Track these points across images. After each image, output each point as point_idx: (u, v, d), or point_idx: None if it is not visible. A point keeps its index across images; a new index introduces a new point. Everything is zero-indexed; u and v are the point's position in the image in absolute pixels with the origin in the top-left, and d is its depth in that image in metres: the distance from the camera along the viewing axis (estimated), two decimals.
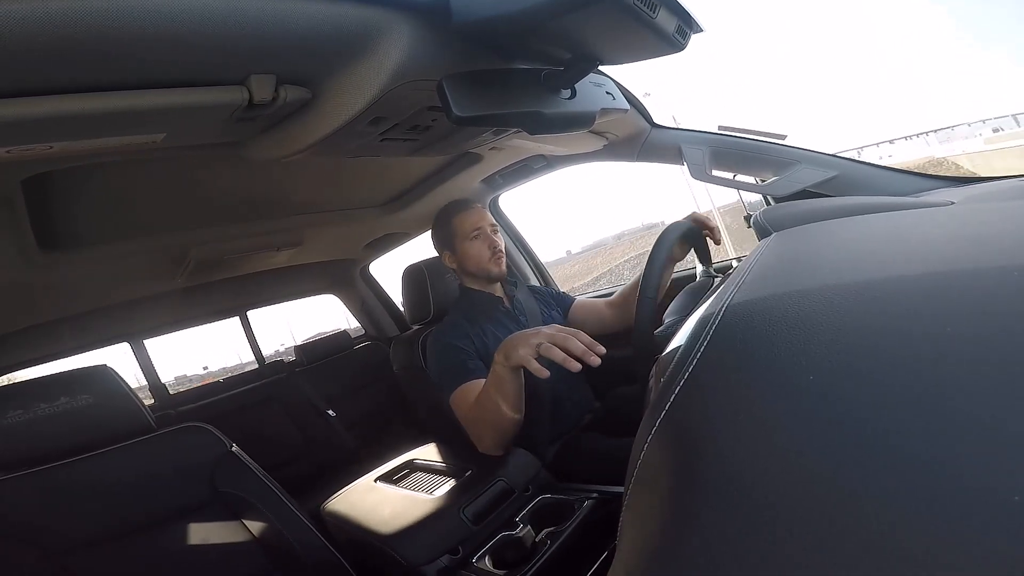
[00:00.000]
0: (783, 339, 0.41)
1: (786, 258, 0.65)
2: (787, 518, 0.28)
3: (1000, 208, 0.73)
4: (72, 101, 0.66)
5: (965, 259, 0.47)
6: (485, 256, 1.62)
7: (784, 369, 0.38)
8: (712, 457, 0.36)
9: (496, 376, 1.21)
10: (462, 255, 1.64)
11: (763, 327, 0.44)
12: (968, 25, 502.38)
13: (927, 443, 0.27)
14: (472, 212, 1.64)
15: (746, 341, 0.44)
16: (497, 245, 1.63)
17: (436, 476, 1.40)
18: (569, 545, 1.02)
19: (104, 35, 0.57)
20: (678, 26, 0.77)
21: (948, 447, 0.27)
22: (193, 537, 1.26)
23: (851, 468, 0.28)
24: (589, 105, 1.01)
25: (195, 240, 1.56)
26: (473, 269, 1.65)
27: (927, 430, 0.28)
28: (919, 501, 0.25)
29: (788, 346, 0.40)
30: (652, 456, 0.42)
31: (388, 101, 0.87)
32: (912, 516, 0.24)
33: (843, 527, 0.26)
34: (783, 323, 0.43)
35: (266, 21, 0.65)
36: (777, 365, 0.39)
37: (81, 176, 1.00)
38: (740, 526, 0.30)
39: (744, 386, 0.40)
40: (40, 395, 1.18)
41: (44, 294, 1.57)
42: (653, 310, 1.08)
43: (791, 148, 1.37)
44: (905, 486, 0.26)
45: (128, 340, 2.45)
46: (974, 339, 0.33)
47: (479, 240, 1.62)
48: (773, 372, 0.39)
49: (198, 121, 0.83)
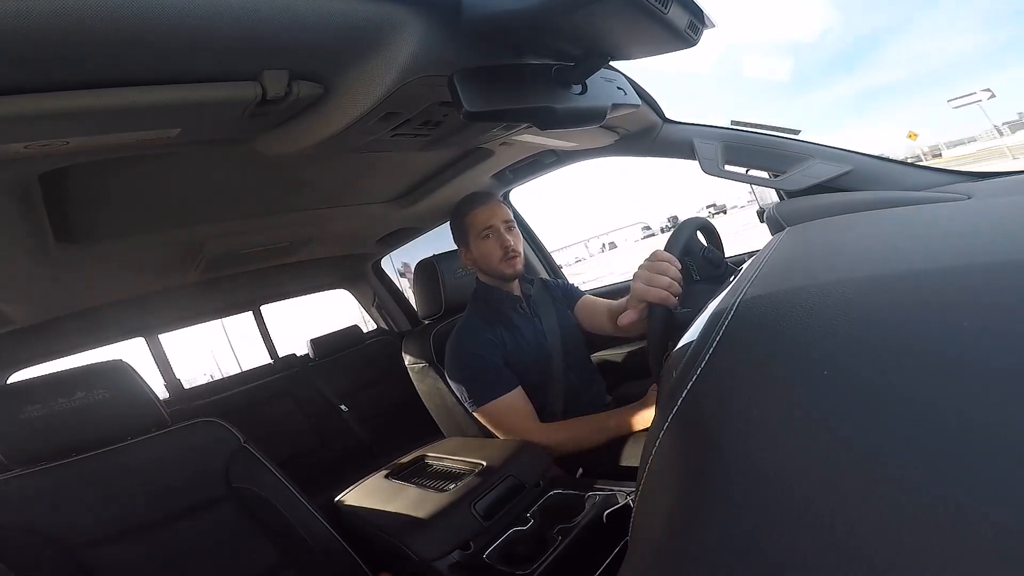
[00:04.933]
0: (797, 334, 0.41)
1: (800, 253, 0.65)
2: (802, 514, 0.28)
3: (1018, 202, 0.72)
4: (88, 97, 0.67)
5: (982, 253, 0.46)
6: (496, 256, 1.59)
7: (798, 364, 0.38)
8: (725, 452, 0.35)
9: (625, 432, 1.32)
10: (475, 253, 1.62)
11: (777, 322, 0.44)
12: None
13: (946, 438, 0.27)
14: (484, 209, 1.61)
15: (760, 336, 0.44)
16: (509, 245, 1.59)
17: (447, 471, 1.41)
18: (580, 540, 1.02)
19: (119, 31, 0.57)
20: (690, 21, 0.77)
21: (968, 443, 0.26)
22: (208, 532, 1.28)
23: (868, 463, 0.28)
24: (600, 100, 1.01)
25: (209, 235, 1.57)
26: (486, 268, 1.63)
27: (946, 425, 0.28)
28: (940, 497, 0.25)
29: (802, 341, 0.40)
30: (664, 451, 0.42)
31: (400, 97, 0.87)
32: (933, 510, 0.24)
33: (860, 522, 0.26)
34: (797, 318, 0.43)
35: (279, 17, 0.65)
36: (791, 360, 0.39)
37: (97, 170, 1.01)
38: (754, 522, 0.30)
39: (758, 381, 0.39)
40: (58, 390, 1.19)
41: (61, 288, 1.59)
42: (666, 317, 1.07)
43: (804, 143, 1.36)
44: (924, 480, 0.26)
45: (143, 335, 2.48)
46: (992, 333, 0.32)
47: (491, 239, 1.59)
48: (787, 367, 0.38)
49: (212, 116, 0.84)
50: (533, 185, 2.18)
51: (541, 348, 1.60)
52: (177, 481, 1.29)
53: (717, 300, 0.60)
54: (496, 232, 1.59)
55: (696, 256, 1.09)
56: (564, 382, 1.59)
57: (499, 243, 1.59)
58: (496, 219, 1.60)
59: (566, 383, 1.59)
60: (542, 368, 1.57)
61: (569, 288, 1.88)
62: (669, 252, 0.99)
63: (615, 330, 1.69)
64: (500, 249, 1.58)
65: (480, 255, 1.61)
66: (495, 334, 1.55)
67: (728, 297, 0.53)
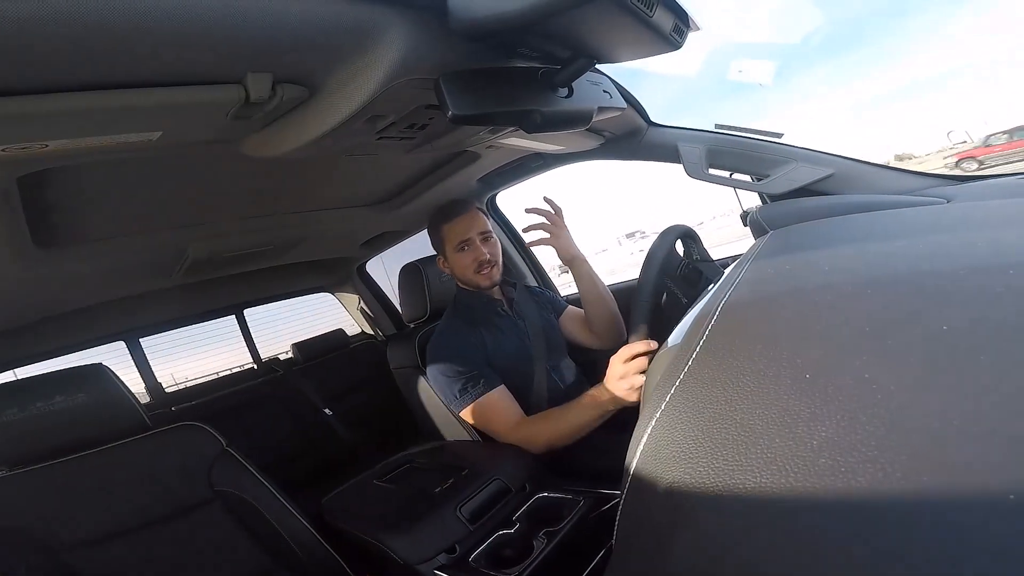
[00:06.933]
0: (780, 337, 0.41)
1: (782, 256, 0.65)
2: (784, 517, 0.29)
3: (994, 206, 0.73)
4: (67, 100, 0.66)
5: (960, 257, 0.47)
6: (471, 269, 1.60)
7: (781, 368, 0.38)
8: (709, 455, 0.36)
9: (600, 416, 1.28)
10: (451, 264, 1.64)
11: (759, 325, 0.44)
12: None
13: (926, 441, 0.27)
14: (460, 221, 1.61)
15: (743, 339, 0.45)
16: (485, 258, 1.59)
17: (433, 474, 1.40)
18: (566, 544, 1.02)
19: (99, 34, 0.57)
20: (675, 24, 0.78)
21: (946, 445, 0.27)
22: (191, 535, 1.27)
23: (849, 468, 0.28)
24: (587, 103, 1.01)
25: (192, 238, 1.55)
26: (461, 279, 1.65)
27: (927, 428, 0.28)
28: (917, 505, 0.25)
29: (785, 344, 0.40)
30: (649, 454, 0.42)
31: (385, 99, 0.86)
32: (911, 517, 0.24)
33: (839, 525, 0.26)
34: (780, 321, 0.43)
35: (263, 19, 0.65)
36: (774, 363, 0.39)
37: (77, 173, 1.00)
38: (736, 525, 0.30)
39: (741, 385, 0.40)
40: (36, 393, 1.18)
41: (39, 292, 1.57)
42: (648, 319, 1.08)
43: (787, 146, 1.37)
44: (902, 485, 0.26)
45: (124, 339, 2.44)
46: (970, 335, 0.33)
47: (466, 252, 1.60)
48: (770, 371, 0.39)
49: (194, 119, 0.83)
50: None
51: (523, 348, 1.60)
52: (159, 485, 1.28)
53: (701, 303, 0.61)
54: (472, 244, 1.60)
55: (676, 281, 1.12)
56: (548, 383, 1.59)
57: (474, 256, 1.59)
58: (472, 231, 1.60)
59: (550, 384, 1.59)
60: (525, 368, 1.58)
61: (554, 299, 1.90)
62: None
63: (592, 341, 1.75)
64: (475, 262, 1.59)
65: (456, 267, 1.63)
66: (476, 335, 1.55)
67: (712, 300, 0.53)
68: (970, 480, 0.25)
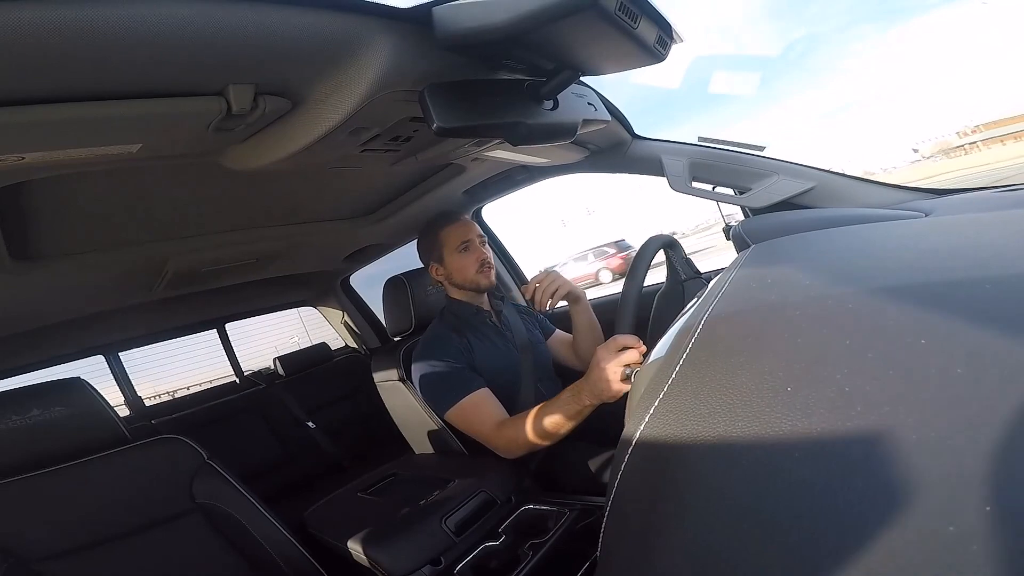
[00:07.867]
0: (763, 350, 0.42)
1: (765, 270, 0.66)
2: (768, 528, 0.29)
3: (973, 220, 0.74)
4: (44, 111, 0.65)
5: (940, 270, 0.48)
6: (473, 268, 1.62)
7: (765, 382, 0.38)
8: (693, 468, 0.36)
9: (579, 411, 1.23)
10: (450, 267, 1.65)
11: (743, 340, 0.45)
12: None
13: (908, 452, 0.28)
14: (460, 224, 1.65)
15: (726, 353, 0.45)
16: (485, 258, 1.64)
17: (418, 487, 1.39)
18: (551, 556, 1.02)
19: (77, 44, 0.56)
20: (659, 36, 0.78)
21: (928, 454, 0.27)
22: (171, 548, 1.25)
23: (832, 476, 0.29)
24: (571, 116, 1.02)
25: (173, 251, 1.53)
26: (461, 281, 1.65)
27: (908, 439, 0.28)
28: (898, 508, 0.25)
29: (768, 357, 0.40)
30: (633, 466, 0.42)
31: (369, 111, 0.86)
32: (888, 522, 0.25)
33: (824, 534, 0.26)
34: (762, 335, 0.43)
35: (244, 31, 0.64)
36: (757, 376, 0.39)
37: (55, 186, 0.98)
38: (721, 536, 0.30)
39: (725, 398, 0.40)
40: (12, 407, 1.16)
41: (15, 305, 1.54)
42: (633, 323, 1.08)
43: (770, 160, 1.39)
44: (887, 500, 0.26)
45: (103, 353, 2.41)
46: (949, 349, 0.33)
47: (468, 252, 1.63)
48: (754, 385, 0.39)
49: (175, 131, 0.82)
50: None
51: (510, 359, 1.60)
52: (138, 497, 1.26)
53: (684, 317, 0.61)
54: (473, 245, 1.64)
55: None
56: (535, 391, 1.59)
57: (476, 256, 1.63)
58: (472, 234, 1.64)
59: (537, 397, 1.59)
60: (512, 379, 1.58)
61: (544, 320, 1.92)
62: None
63: (577, 364, 1.79)
64: (477, 262, 1.62)
65: (456, 268, 1.64)
66: (462, 341, 1.55)
67: (695, 315, 0.53)
68: (948, 493, 0.25)
